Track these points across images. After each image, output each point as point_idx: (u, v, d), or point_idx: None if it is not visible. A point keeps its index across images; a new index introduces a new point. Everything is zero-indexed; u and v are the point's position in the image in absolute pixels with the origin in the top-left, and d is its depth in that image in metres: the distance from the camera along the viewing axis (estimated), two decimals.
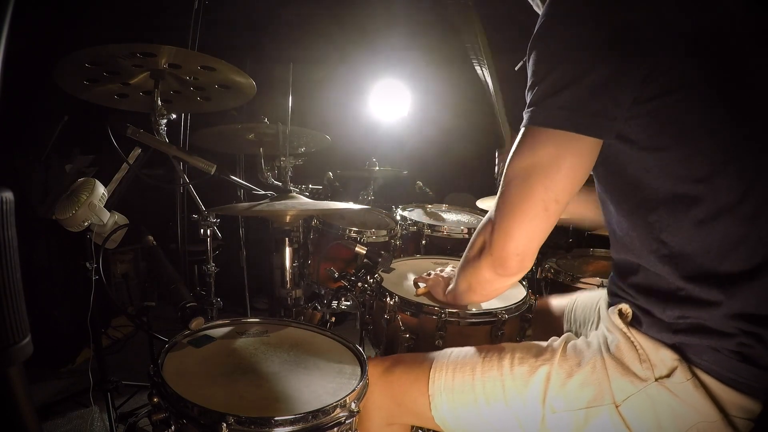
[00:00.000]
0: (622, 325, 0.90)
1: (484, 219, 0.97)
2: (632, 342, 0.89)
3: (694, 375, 0.84)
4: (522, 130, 0.86)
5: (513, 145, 0.88)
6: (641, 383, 0.87)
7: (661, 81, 0.78)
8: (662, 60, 0.78)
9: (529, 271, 0.96)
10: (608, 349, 0.92)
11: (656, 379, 0.86)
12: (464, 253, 1.06)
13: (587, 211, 1.36)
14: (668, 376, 0.85)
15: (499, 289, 1.06)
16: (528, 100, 0.84)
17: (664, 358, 0.85)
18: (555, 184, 0.83)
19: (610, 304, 0.96)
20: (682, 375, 0.84)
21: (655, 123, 0.80)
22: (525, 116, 0.85)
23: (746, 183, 0.81)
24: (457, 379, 1.01)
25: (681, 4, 0.82)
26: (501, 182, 0.89)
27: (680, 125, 0.80)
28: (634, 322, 0.91)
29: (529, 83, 0.85)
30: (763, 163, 0.83)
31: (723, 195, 0.81)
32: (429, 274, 1.39)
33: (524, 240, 0.88)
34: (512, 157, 0.86)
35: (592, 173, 0.91)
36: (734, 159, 0.81)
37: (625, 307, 0.92)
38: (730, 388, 0.82)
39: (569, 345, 0.99)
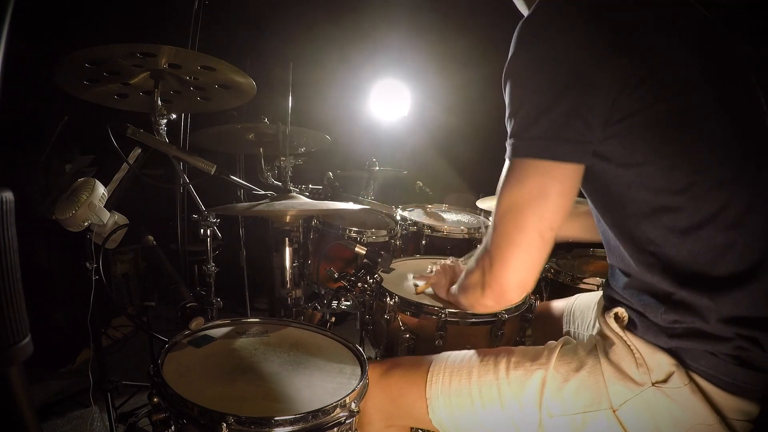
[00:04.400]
0: (617, 329, 0.90)
1: (480, 249, 0.94)
2: (628, 346, 0.89)
3: (692, 380, 0.84)
4: (507, 162, 0.86)
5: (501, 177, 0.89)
6: (638, 387, 0.87)
7: (629, 102, 0.79)
8: (631, 78, 0.79)
9: None
10: (605, 353, 0.92)
11: (653, 384, 0.86)
12: (462, 278, 1.04)
13: (576, 232, 1.36)
14: (665, 381, 0.85)
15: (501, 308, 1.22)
16: (508, 131, 0.85)
17: (661, 362, 0.85)
18: (547, 212, 0.83)
19: (605, 308, 0.96)
20: (679, 380, 0.84)
21: (628, 140, 0.82)
22: (508, 148, 0.85)
23: (726, 191, 0.82)
24: (454, 382, 1.01)
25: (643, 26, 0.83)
26: (493, 216, 0.89)
27: (653, 141, 0.81)
28: (630, 326, 0.91)
29: (507, 113, 0.86)
30: (742, 169, 0.83)
31: (704, 204, 0.81)
32: (430, 272, 1.40)
33: (523, 271, 0.87)
34: (502, 190, 0.87)
35: (581, 189, 0.92)
36: (711, 169, 0.82)
37: (621, 310, 0.92)
38: (727, 393, 0.82)
39: (566, 348, 0.99)
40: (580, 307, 1.33)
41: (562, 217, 0.85)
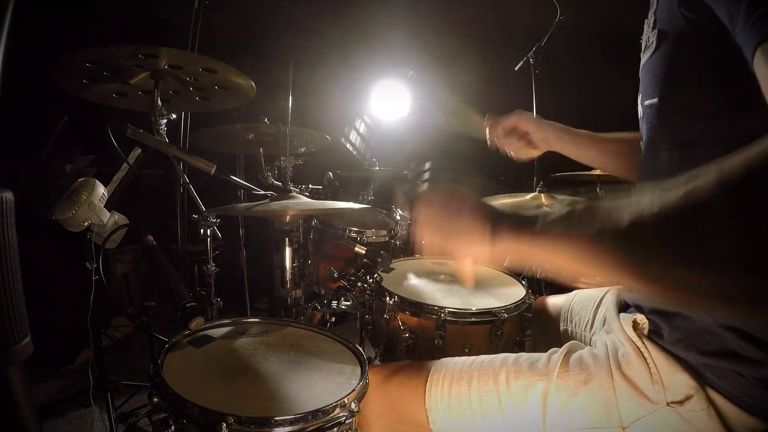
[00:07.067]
0: (635, 338, 0.86)
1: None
2: (645, 359, 0.85)
3: (711, 404, 0.80)
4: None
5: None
6: (652, 406, 0.83)
7: None
8: None
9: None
10: (618, 365, 0.88)
11: (668, 404, 0.82)
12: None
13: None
14: (681, 402, 0.82)
15: None
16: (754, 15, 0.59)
17: (680, 383, 0.82)
18: None
19: (620, 310, 0.92)
20: (697, 404, 0.81)
21: None
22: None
23: None
24: (454, 392, 0.98)
25: None
26: None
27: None
28: (653, 336, 0.86)
29: None
30: None
31: None
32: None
33: None
34: None
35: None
36: None
37: (641, 317, 0.88)
38: (744, 412, 0.80)
39: (573, 358, 0.94)
40: (578, 304, 1.30)
41: None
